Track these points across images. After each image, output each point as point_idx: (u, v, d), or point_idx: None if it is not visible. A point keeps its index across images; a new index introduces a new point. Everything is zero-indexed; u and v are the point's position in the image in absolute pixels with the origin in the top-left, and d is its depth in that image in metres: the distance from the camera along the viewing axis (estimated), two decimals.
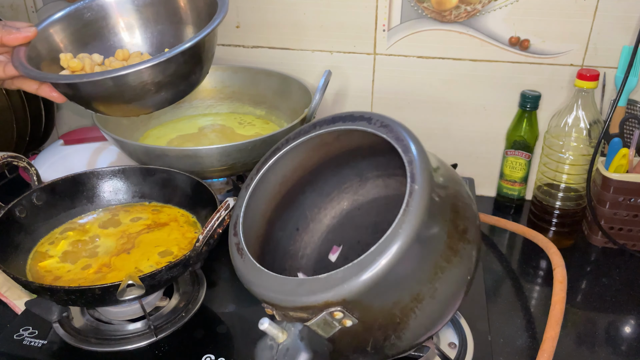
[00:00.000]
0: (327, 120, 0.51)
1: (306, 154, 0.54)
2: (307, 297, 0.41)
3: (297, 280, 0.42)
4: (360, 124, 0.49)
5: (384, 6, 0.88)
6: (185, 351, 0.62)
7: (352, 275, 0.40)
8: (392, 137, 0.46)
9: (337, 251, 0.63)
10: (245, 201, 0.52)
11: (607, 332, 0.67)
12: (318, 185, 0.60)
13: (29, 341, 0.63)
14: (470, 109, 0.92)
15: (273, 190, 0.56)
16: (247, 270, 0.46)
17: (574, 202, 0.83)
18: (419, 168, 0.42)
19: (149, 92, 0.60)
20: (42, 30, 0.66)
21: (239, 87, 1.02)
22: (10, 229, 0.66)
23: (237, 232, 0.49)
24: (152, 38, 0.73)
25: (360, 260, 0.40)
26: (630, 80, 0.80)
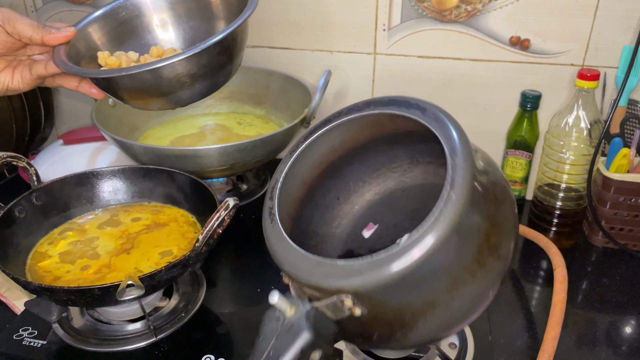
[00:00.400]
0: (383, 102, 0.50)
1: (358, 129, 0.53)
2: (321, 279, 0.42)
3: (315, 259, 0.42)
4: (415, 112, 0.48)
5: (384, 6, 0.88)
6: (185, 351, 0.62)
7: (369, 270, 0.39)
8: (442, 134, 0.45)
9: (372, 229, 0.61)
10: (287, 167, 0.51)
11: (608, 332, 0.67)
12: (367, 159, 0.59)
13: (28, 341, 0.63)
14: (470, 108, 0.92)
15: (318, 159, 0.55)
16: (273, 236, 0.46)
17: (574, 202, 0.83)
18: (461, 175, 0.41)
19: (184, 85, 0.62)
20: (81, 30, 0.69)
21: (239, 87, 1.02)
22: (9, 229, 0.66)
23: (272, 196, 0.49)
24: (185, 34, 0.75)
25: (381, 258, 0.40)
26: (631, 80, 0.80)
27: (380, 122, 0.52)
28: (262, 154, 0.81)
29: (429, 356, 0.60)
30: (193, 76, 0.62)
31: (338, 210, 0.62)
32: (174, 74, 0.60)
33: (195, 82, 0.63)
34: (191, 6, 0.74)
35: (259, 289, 0.73)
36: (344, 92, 0.97)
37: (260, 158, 0.81)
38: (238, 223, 0.86)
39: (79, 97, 1.09)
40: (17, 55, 0.65)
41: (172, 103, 0.65)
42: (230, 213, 0.58)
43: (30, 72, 0.64)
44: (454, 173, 0.41)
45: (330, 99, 0.98)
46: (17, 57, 0.65)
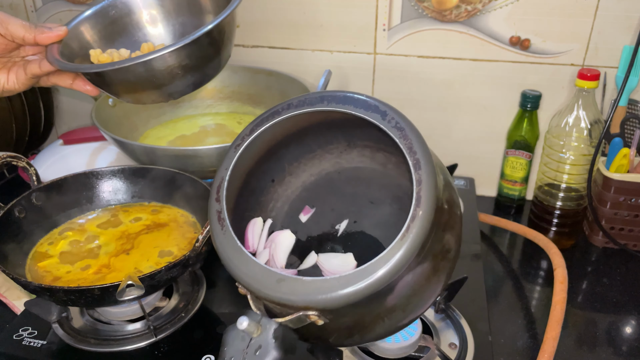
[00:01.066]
0: (338, 99, 0.47)
1: (302, 118, 0.52)
2: (287, 296, 0.41)
3: (278, 275, 0.41)
4: (374, 116, 0.45)
5: (384, 6, 0.88)
6: (185, 351, 0.62)
7: (339, 288, 0.40)
8: (404, 144, 0.43)
9: (309, 213, 0.60)
10: (233, 163, 0.48)
11: (608, 332, 0.67)
12: (304, 140, 0.57)
13: (28, 341, 0.63)
14: (470, 108, 0.92)
15: (259, 147, 0.53)
16: (226, 245, 0.43)
17: (574, 202, 0.83)
18: (427, 193, 0.41)
19: (175, 77, 0.63)
20: (72, 29, 0.70)
21: (239, 87, 1.02)
22: (9, 229, 0.66)
23: (219, 197, 0.46)
24: (175, 30, 0.77)
25: (349, 275, 0.40)
26: (631, 80, 0.80)
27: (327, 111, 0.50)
28: None
29: (428, 356, 0.60)
30: (184, 68, 0.63)
31: (273, 193, 0.60)
32: (165, 66, 0.61)
33: (186, 73, 0.64)
34: (180, 2, 0.76)
35: None
36: None
37: None
38: None
39: (79, 97, 1.09)
40: (12, 57, 0.66)
41: (165, 96, 0.66)
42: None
43: (25, 72, 0.65)
44: (419, 189, 0.41)
45: None
46: (11, 59, 0.66)
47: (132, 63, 0.60)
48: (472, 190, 0.93)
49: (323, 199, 0.60)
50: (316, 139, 0.57)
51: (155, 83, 0.63)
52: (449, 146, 0.96)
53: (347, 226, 0.59)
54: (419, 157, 0.42)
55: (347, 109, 0.46)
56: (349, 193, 0.59)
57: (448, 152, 0.96)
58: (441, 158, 0.60)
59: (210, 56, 0.66)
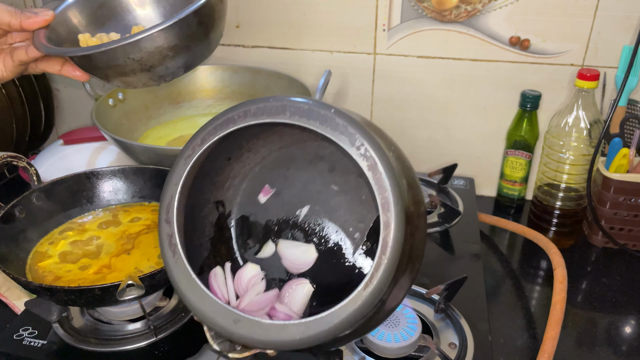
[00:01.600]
0: (302, 111, 0.42)
1: None
2: (245, 337, 0.40)
3: (235, 314, 0.40)
4: (342, 138, 0.41)
5: (384, 6, 0.88)
6: (185, 351, 0.62)
7: (297, 334, 0.39)
8: (374, 178, 0.39)
9: (269, 194, 0.56)
10: (182, 178, 0.43)
11: (608, 332, 0.67)
12: None
13: (28, 341, 0.63)
14: (470, 108, 0.92)
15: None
16: (179, 276, 0.40)
17: (574, 202, 0.83)
18: (394, 241, 0.38)
19: (166, 58, 0.62)
20: (60, 14, 0.68)
21: (239, 87, 1.02)
22: (9, 229, 0.66)
23: (169, 218, 0.41)
24: (165, 12, 0.75)
25: (308, 322, 0.39)
26: (631, 80, 0.80)
27: None
28: None
29: (428, 356, 0.60)
30: (173, 48, 0.62)
31: (229, 171, 0.55)
32: (154, 46, 0.60)
33: (176, 55, 0.63)
34: None
35: None
36: (344, 92, 0.97)
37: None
38: None
39: (80, 97, 1.09)
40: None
41: (155, 78, 0.65)
42: None
43: (12, 59, 0.63)
44: (386, 234, 0.38)
45: (330, 99, 0.98)
46: None
47: (120, 44, 0.58)
48: (471, 190, 0.93)
49: (284, 179, 0.55)
50: None
51: (145, 65, 0.62)
52: (449, 146, 0.96)
53: (308, 211, 0.55)
54: (388, 195, 0.38)
55: (312, 126, 0.41)
56: (311, 175, 0.55)
57: (448, 152, 0.96)
58: (441, 158, 0.59)
59: (200, 36, 0.64)
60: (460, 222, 0.84)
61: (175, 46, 0.62)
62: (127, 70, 0.63)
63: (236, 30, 0.97)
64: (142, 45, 0.60)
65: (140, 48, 0.60)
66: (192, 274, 0.40)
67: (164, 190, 0.42)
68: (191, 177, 0.45)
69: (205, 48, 0.67)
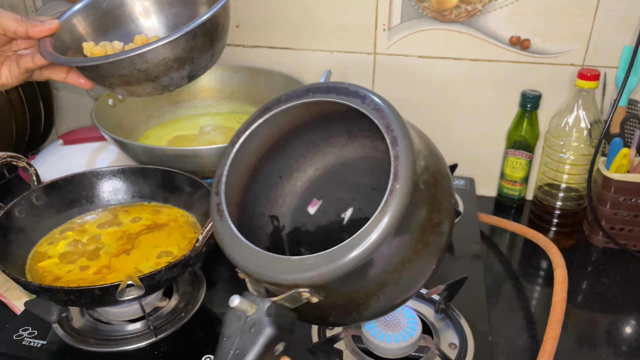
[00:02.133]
0: (322, 89, 0.50)
1: (296, 112, 0.54)
2: (278, 275, 0.43)
3: (270, 256, 0.44)
4: (354, 101, 0.48)
5: (384, 6, 0.88)
6: (185, 351, 0.62)
7: (324, 264, 0.42)
8: (382, 123, 0.45)
9: (317, 205, 0.62)
10: (230, 159, 0.51)
11: (608, 332, 0.67)
12: (306, 136, 0.59)
13: (28, 341, 0.63)
14: (470, 108, 0.92)
15: (259, 145, 0.55)
16: (225, 234, 0.46)
17: (574, 202, 0.83)
18: (404, 167, 0.43)
19: (170, 69, 0.63)
20: (65, 22, 0.69)
21: (239, 87, 1.02)
22: (9, 229, 0.66)
23: (219, 191, 0.49)
24: (168, 22, 0.76)
25: (333, 251, 0.42)
26: (631, 80, 0.80)
27: (319, 104, 0.52)
28: None
29: (428, 356, 0.60)
30: (178, 60, 0.63)
31: (282, 189, 0.62)
32: (159, 58, 0.61)
33: (180, 66, 0.64)
34: None
35: None
36: None
37: None
38: None
39: (79, 97, 1.09)
40: (4, 51, 0.65)
41: (159, 88, 0.66)
42: None
43: (17, 66, 0.64)
44: (396, 164, 0.43)
45: None
46: (3, 53, 0.65)
47: (126, 56, 0.59)
48: (472, 190, 0.93)
49: (329, 190, 0.62)
50: (317, 133, 0.59)
51: (150, 75, 0.63)
52: (449, 146, 0.96)
53: (352, 214, 0.61)
54: (395, 134, 0.44)
55: (330, 98, 0.49)
56: (353, 182, 0.61)
57: (448, 152, 0.96)
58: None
59: (204, 48, 0.65)
60: (461, 222, 0.84)
61: (180, 58, 0.63)
62: (132, 80, 0.63)
63: (236, 30, 0.97)
64: (148, 57, 0.61)
65: (147, 59, 0.61)
66: (235, 230, 0.46)
67: (216, 172, 0.50)
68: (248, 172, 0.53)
69: (209, 59, 0.68)
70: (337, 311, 0.47)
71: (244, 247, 0.45)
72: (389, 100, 0.99)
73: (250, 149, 0.54)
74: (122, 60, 0.60)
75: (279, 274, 0.43)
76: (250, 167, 0.55)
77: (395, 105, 0.69)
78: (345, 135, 0.60)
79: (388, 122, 0.45)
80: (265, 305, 0.43)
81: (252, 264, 0.44)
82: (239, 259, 0.45)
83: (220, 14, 0.64)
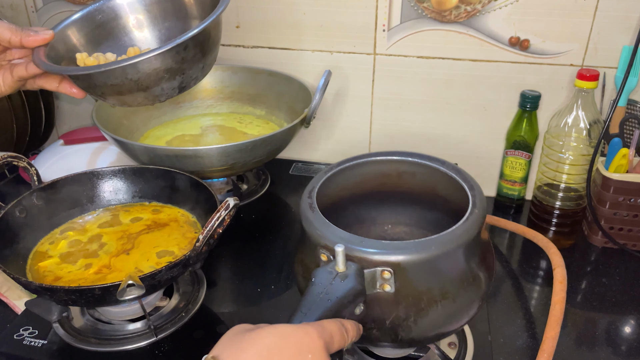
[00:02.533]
0: (407, 153, 0.63)
1: (374, 170, 0.65)
2: (368, 249, 0.49)
3: (361, 237, 0.50)
4: (436, 162, 0.62)
5: (384, 6, 0.88)
6: (185, 351, 0.62)
7: (411, 247, 0.49)
8: (461, 177, 0.59)
9: None
10: (323, 179, 0.60)
11: (607, 332, 0.67)
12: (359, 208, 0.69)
13: (29, 341, 0.63)
14: (470, 109, 0.92)
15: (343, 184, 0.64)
16: (317, 222, 0.53)
17: (574, 202, 0.83)
18: (479, 199, 0.55)
19: (161, 80, 0.64)
20: (59, 33, 0.70)
21: (239, 87, 1.02)
22: (10, 229, 0.66)
23: (311, 195, 0.57)
24: (161, 35, 0.77)
25: (421, 241, 0.49)
26: (630, 80, 0.80)
27: (388, 174, 0.65)
28: (263, 153, 0.81)
29: (428, 356, 0.60)
30: (169, 71, 0.64)
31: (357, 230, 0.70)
32: (151, 69, 0.62)
33: (172, 77, 0.65)
34: (166, 7, 0.76)
35: (259, 288, 0.73)
36: (344, 93, 0.97)
37: (260, 158, 0.82)
38: (238, 223, 0.86)
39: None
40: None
41: (150, 98, 0.67)
42: (230, 213, 0.58)
43: (11, 75, 0.65)
44: (474, 198, 0.55)
45: (330, 99, 0.98)
46: None
47: (119, 66, 0.60)
48: None
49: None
50: (368, 212, 0.69)
51: (141, 85, 0.64)
52: (449, 146, 0.96)
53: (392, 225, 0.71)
54: (472, 183, 0.58)
55: (413, 158, 0.63)
56: None
57: (447, 152, 0.96)
58: (441, 158, 0.63)
59: (195, 60, 0.66)
60: None
61: (172, 69, 0.64)
62: (123, 90, 0.64)
63: (236, 31, 0.97)
64: (140, 67, 0.61)
65: (139, 69, 0.62)
66: (323, 218, 0.53)
67: (309, 184, 0.60)
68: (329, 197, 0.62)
69: (200, 71, 0.69)
70: (398, 311, 0.50)
71: (336, 230, 0.51)
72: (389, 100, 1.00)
73: (332, 189, 0.62)
74: (114, 70, 0.61)
75: (369, 248, 0.49)
76: (330, 202, 0.62)
77: (395, 105, 0.72)
78: (393, 220, 0.71)
79: (465, 177, 0.59)
80: (354, 267, 0.48)
81: (345, 242, 0.49)
82: (334, 239, 0.50)
83: (211, 27, 0.65)
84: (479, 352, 0.62)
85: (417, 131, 0.96)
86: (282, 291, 0.72)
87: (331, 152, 1.04)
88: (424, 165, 0.62)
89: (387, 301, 0.50)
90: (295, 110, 0.92)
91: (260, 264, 0.77)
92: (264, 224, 0.87)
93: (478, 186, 0.57)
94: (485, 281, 0.54)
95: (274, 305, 0.70)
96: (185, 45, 0.62)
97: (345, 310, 0.46)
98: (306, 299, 0.46)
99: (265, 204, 0.93)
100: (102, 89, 0.65)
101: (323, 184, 0.60)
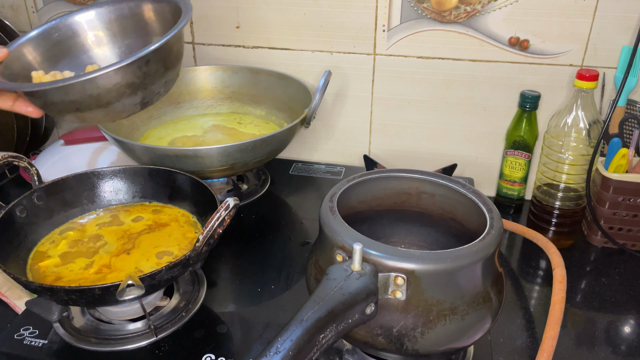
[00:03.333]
0: (429, 173, 0.64)
1: (394, 186, 0.65)
2: (384, 253, 0.49)
3: (378, 243, 0.51)
4: (457, 183, 0.62)
5: (384, 6, 0.88)
6: (186, 351, 0.62)
7: (426, 257, 0.49)
8: (480, 200, 0.59)
9: None
10: (344, 187, 0.61)
11: (607, 332, 0.67)
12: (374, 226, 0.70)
13: (29, 341, 0.63)
14: (470, 109, 0.92)
15: (350, 206, 0.64)
16: (337, 225, 0.54)
17: (573, 202, 0.83)
18: (496, 220, 0.55)
19: (122, 95, 0.62)
20: (14, 51, 0.68)
21: (239, 87, 1.02)
22: (10, 229, 0.66)
23: (332, 199, 0.58)
24: (121, 52, 0.75)
25: (437, 252, 0.50)
26: (630, 80, 0.80)
27: (409, 193, 0.65)
28: (263, 154, 0.81)
29: None
30: (130, 86, 0.61)
31: None
32: (111, 83, 0.60)
33: (133, 92, 0.62)
34: (126, 24, 0.74)
35: (259, 288, 0.73)
36: (344, 93, 0.98)
37: (260, 158, 0.82)
38: (238, 223, 0.86)
39: None
40: None
41: (111, 115, 0.64)
42: (230, 213, 0.59)
43: None
44: (492, 220, 0.56)
45: (330, 99, 0.98)
46: None
47: (78, 80, 0.58)
48: None
49: None
50: (383, 229, 0.69)
51: (101, 102, 0.61)
52: (449, 146, 0.96)
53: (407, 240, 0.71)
54: (490, 206, 0.58)
55: (431, 177, 0.64)
56: None
57: (447, 152, 0.96)
58: (441, 158, 0.63)
59: (158, 75, 0.64)
60: None
61: (133, 84, 0.61)
62: (82, 107, 0.61)
63: (236, 31, 0.97)
64: (99, 82, 0.59)
65: (98, 85, 0.59)
66: (342, 221, 0.54)
67: (331, 190, 0.61)
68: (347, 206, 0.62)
69: (162, 86, 0.67)
70: (406, 320, 0.51)
71: (354, 233, 0.53)
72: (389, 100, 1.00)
73: (357, 194, 0.63)
74: (72, 86, 0.58)
75: (386, 253, 0.49)
76: (351, 205, 0.63)
77: (395, 105, 0.72)
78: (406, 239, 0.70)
79: (484, 200, 0.59)
80: (369, 267, 0.49)
81: (364, 244, 0.50)
82: (351, 240, 0.51)
83: (174, 42, 0.63)
84: (478, 351, 0.62)
85: (417, 131, 0.97)
86: (282, 291, 0.72)
87: (331, 152, 1.04)
88: (444, 186, 0.63)
89: (397, 308, 0.50)
90: (295, 111, 0.92)
91: (260, 264, 0.77)
92: (264, 224, 0.87)
93: (497, 210, 0.58)
94: (495, 305, 0.54)
95: (274, 305, 0.70)
96: (147, 59, 0.60)
97: (357, 307, 0.47)
98: (319, 291, 0.46)
99: (265, 204, 0.93)
100: (59, 107, 0.62)
101: (344, 192, 0.60)
